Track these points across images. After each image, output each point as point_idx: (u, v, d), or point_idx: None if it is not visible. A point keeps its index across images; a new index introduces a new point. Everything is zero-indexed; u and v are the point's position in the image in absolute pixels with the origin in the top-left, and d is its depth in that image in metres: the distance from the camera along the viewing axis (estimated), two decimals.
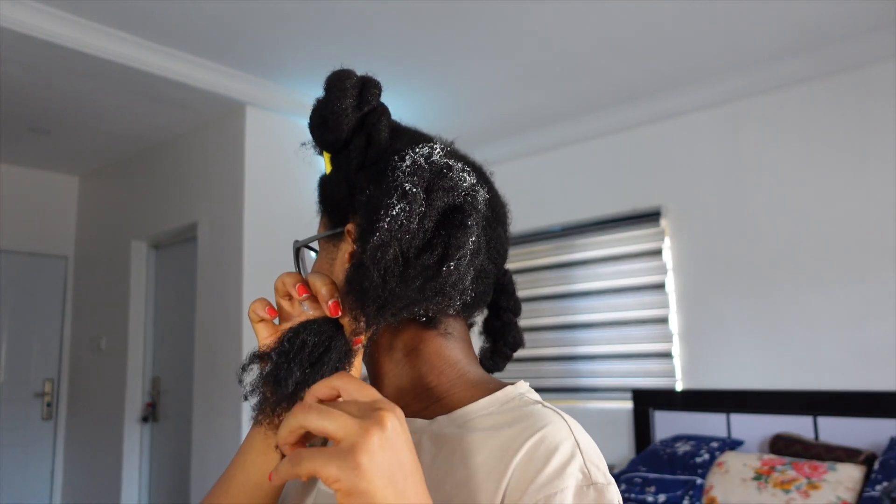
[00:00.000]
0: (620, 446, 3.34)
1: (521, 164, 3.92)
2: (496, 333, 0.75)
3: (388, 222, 0.53)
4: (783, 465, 2.52)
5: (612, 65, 2.99)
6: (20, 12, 2.39)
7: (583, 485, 0.51)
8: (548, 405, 0.58)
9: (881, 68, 2.81)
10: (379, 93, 0.63)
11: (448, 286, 0.55)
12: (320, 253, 0.67)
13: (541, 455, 0.52)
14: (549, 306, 3.72)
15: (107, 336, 3.86)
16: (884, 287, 2.72)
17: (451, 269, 0.55)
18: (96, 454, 3.82)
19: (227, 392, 3.06)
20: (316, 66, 2.95)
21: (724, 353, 3.11)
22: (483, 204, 0.58)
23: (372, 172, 0.60)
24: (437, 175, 0.56)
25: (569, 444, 0.53)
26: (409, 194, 0.54)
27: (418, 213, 0.54)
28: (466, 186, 0.57)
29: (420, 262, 0.54)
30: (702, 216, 3.25)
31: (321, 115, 0.62)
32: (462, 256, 0.55)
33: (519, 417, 0.56)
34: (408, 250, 0.54)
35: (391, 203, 0.54)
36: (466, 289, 0.58)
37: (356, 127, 0.62)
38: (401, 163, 0.56)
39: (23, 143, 3.65)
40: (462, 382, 0.62)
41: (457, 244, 0.55)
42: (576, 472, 0.51)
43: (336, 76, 0.62)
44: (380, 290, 0.54)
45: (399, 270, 0.54)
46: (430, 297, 0.55)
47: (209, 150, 3.39)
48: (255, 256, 3.11)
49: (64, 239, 4.23)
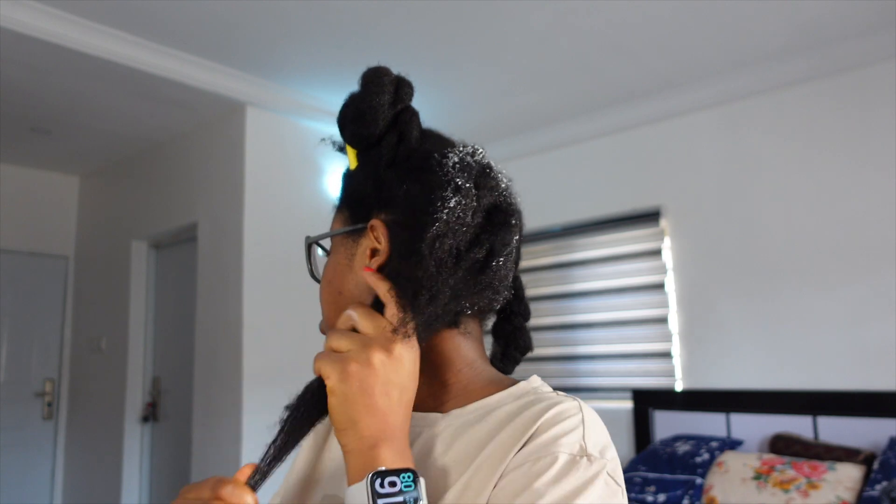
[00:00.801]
0: (620, 446, 3.34)
1: (521, 164, 3.92)
2: (507, 337, 0.76)
3: (447, 213, 0.55)
4: (783, 464, 2.52)
5: (612, 65, 2.99)
6: (20, 12, 2.39)
7: (577, 455, 0.52)
8: (563, 394, 0.59)
9: (881, 68, 2.81)
10: (412, 92, 0.64)
11: (496, 281, 0.57)
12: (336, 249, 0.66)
13: (545, 425, 0.53)
14: (549, 306, 3.72)
15: (107, 336, 3.86)
16: (884, 287, 2.72)
17: (500, 264, 0.57)
18: (96, 454, 3.82)
19: (227, 392, 3.06)
20: (316, 66, 2.95)
21: (724, 353, 3.11)
22: (519, 205, 0.61)
23: (404, 169, 0.61)
24: (483, 173, 0.59)
25: (574, 420, 0.54)
26: (462, 189, 0.56)
27: (471, 208, 0.56)
28: (505, 187, 0.60)
29: (471, 256, 0.56)
30: (702, 216, 3.25)
31: (358, 109, 0.62)
32: (509, 253, 0.58)
33: (534, 402, 0.57)
34: (460, 243, 0.56)
35: (447, 196, 0.55)
36: (510, 284, 0.60)
37: (390, 123, 0.63)
38: (447, 159, 0.58)
39: (23, 143, 3.65)
40: (478, 380, 0.63)
41: (503, 241, 0.57)
42: (571, 442, 0.52)
43: (374, 72, 0.63)
44: (434, 280, 0.55)
45: (452, 263, 0.55)
46: (479, 291, 0.57)
47: (209, 150, 3.39)
48: (255, 256, 3.11)
49: (64, 239, 4.23)
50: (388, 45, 2.76)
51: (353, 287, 0.63)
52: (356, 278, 0.62)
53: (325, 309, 0.67)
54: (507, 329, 0.76)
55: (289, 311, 3.13)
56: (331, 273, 0.66)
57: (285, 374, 3.10)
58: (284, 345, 3.13)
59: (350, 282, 0.63)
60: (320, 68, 2.97)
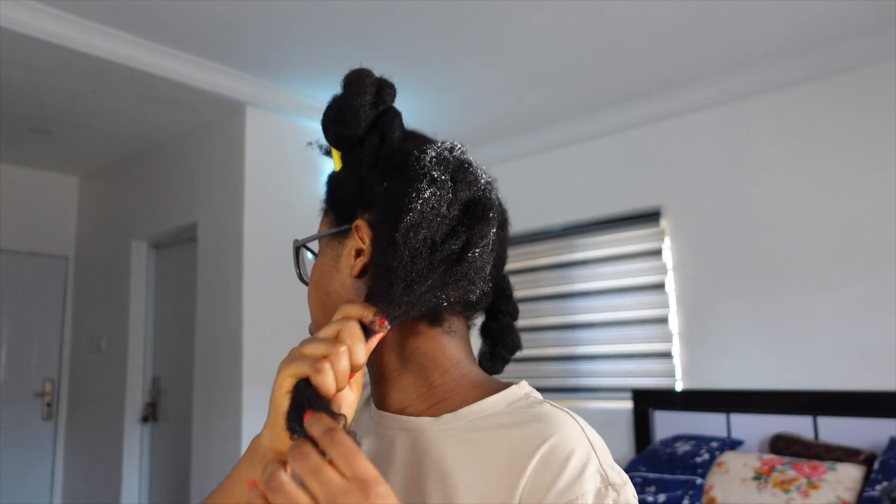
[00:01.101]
0: (620, 446, 3.34)
1: (521, 164, 3.92)
2: (495, 336, 0.76)
3: (421, 204, 0.55)
4: (783, 464, 2.52)
5: (611, 65, 2.99)
6: (20, 12, 2.39)
7: (601, 486, 0.51)
8: (555, 405, 0.58)
9: (881, 68, 2.81)
10: (394, 94, 0.64)
11: (472, 272, 0.57)
12: (323, 251, 0.67)
13: (557, 460, 0.52)
14: (549, 306, 3.72)
15: (107, 336, 3.86)
16: (884, 287, 2.72)
17: (476, 256, 0.57)
18: (96, 454, 3.82)
19: (227, 392, 3.06)
20: (316, 66, 2.95)
21: (724, 353, 3.11)
22: (498, 201, 0.61)
23: (385, 169, 0.62)
24: (460, 168, 0.59)
25: (583, 448, 0.53)
26: (437, 181, 0.56)
27: (447, 200, 0.56)
28: (484, 182, 0.60)
29: (446, 247, 0.56)
30: (702, 216, 3.25)
31: (339, 111, 0.63)
32: (485, 245, 0.58)
33: (529, 418, 0.56)
34: (435, 234, 0.56)
35: (422, 187, 0.56)
36: (487, 277, 0.59)
37: (372, 124, 0.63)
38: (424, 154, 0.59)
39: (23, 143, 3.65)
40: (465, 382, 0.62)
41: (480, 233, 0.57)
42: (593, 475, 0.52)
43: (355, 74, 0.64)
44: (408, 270, 0.55)
45: (427, 253, 0.55)
46: (455, 282, 0.57)
47: (209, 150, 3.39)
48: (255, 256, 3.11)
49: (64, 239, 4.23)
50: (388, 45, 2.76)
51: (340, 288, 0.63)
52: (342, 279, 0.63)
53: (312, 310, 0.67)
54: (496, 328, 0.76)
55: (289, 311, 3.13)
56: (317, 275, 0.66)
57: None
58: (284, 345, 3.10)
59: (336, 283, 0.63)
60: (320, 68, 2.97)
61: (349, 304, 0.56)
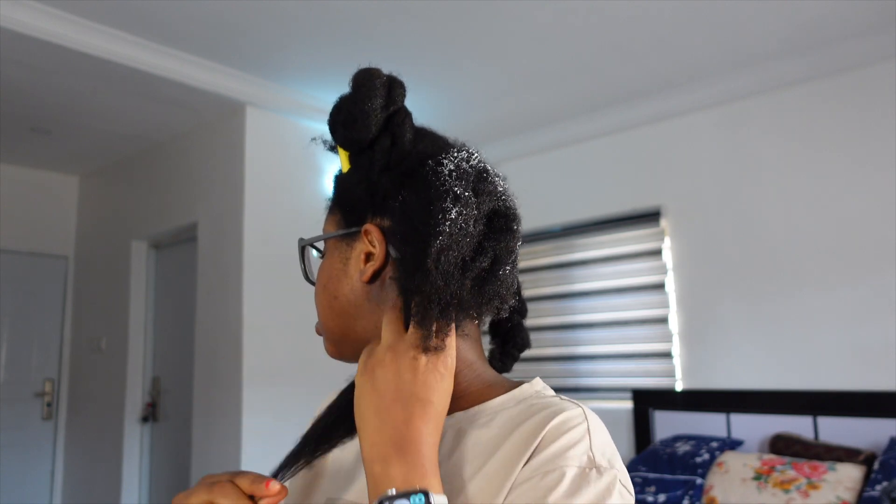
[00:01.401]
0: (620, 446, 3.34)
1: (521, 164, 3.92)
2: (504, 335, 0.76)
3: (449, 226, 0.54)
4: (783, 464, 2.52)
5: (612, 65, 2.99)
6: (20, 12, 2.39)
7: (585, 467, 0.51)
8: (565, 398, 0.58)
9: (881, 68, 2.81)
10: (405, 93, 0.63)
11: (503, 289, 0.57)
12: (330, 252, 0.66)
13: (550, 435, 0.53)
14: (549, 306, 3.72)
15: (107, 336, 3.86)
16: (884, 287, 2.72)
17: (507, 273, 0.57)
18: (96, 454, 3.82)
19: (227, 392, 3.06)
20: (316, 66, 2.95)
21: (724, 353, 3.11)
22: (517, 208, 0.61)
23: (398, 175, 0.60)
24: (480, 178, 0.58)
25: (580, 429, 0.53)
26: (461, 198, 0.55)
27: (472, 216, 0.56)
28: (503, 190, 0.60)
29: (476, 265, 0.56)
30: (702, 216, 3.25)
31: (349, 113, 0.61)
32: (514, 259, 0.58)
33: (539, 409, 0.56)
34: (465, 253, 0.55)
35: (447, 207, 0.55)
36: (517, 292, 0.60)
37: (382, 127, 0.62)
38: (442, 167, 0.58)
39: (23, 143, 3.65)
40: (478, 382, 0.63)
41: (507, 248, 0.58)
42: (580, 454, 0.52)
43: (366, 74, 0.62)
44: (442, 293, 0.55)
45: (459, 274, 0.55)
46: (488, 301, 0.57)
47: (209, 150, 3.39)
48: (255, 256, 3.11)
49: (64, 239, 4.23)
50: (388, 45, 2.76)
51: (349, 293, 0.62)
52: (352, 284, 0.62)
53: (320, 313, 0.66)
54: (505, 327, 0.75)
55: (289, 311, 3.13)
56: (325, 277, 0.65)
57: (285, 374, 3.10)
58: (284, 345, 3.13)
59: (346, 287, 0.63)
60: (320, 68, 2.97)
61: (242, 476, 0.54)
